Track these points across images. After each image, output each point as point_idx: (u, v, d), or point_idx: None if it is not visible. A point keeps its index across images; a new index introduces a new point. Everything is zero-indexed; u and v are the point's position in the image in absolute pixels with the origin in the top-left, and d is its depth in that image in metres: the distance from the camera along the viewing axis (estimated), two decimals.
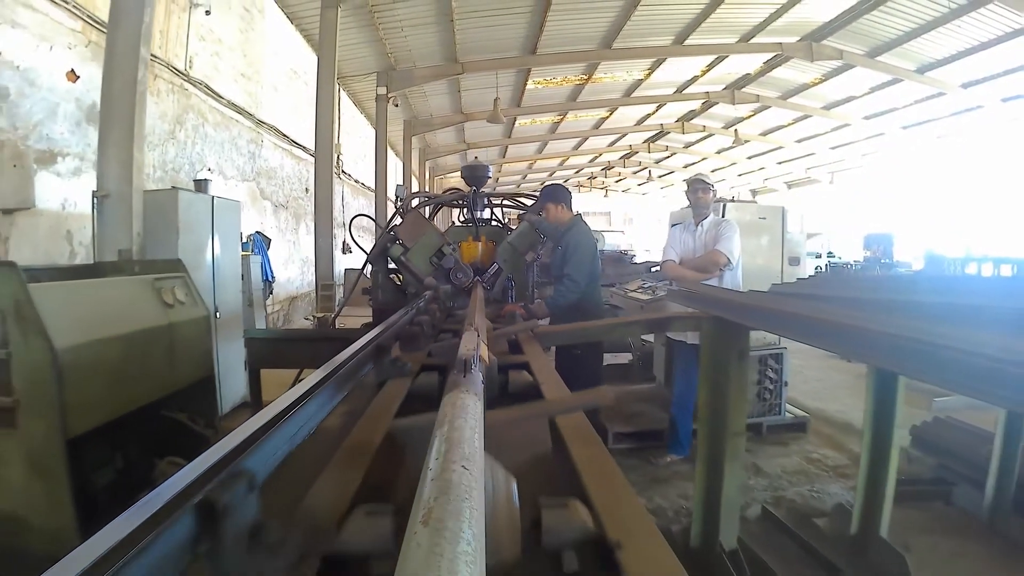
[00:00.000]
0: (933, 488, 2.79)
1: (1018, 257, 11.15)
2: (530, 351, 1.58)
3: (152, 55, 4.48)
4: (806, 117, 15.69)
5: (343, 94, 12.03)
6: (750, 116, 16.44)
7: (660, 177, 26.08)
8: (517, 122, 16.56)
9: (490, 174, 3.78)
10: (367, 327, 2.90)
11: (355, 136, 13.24)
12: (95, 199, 3.34)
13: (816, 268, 16.59)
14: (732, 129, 17.53)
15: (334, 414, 1.07)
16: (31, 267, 2.57)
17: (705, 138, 19.33)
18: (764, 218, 3.86)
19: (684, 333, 3.12)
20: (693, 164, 23.45)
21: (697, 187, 3.21)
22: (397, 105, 12.39)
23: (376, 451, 0.89)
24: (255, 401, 3.20)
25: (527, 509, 0.61)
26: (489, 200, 3.72)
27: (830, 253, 17.67)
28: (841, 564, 2.12)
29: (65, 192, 4.22)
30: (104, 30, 4.69)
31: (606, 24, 10.23)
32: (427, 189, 18.36)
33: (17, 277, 1.97)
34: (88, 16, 4.62)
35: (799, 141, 18.34)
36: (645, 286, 4.10)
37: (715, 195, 3.24)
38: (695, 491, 2.05)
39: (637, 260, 8.06)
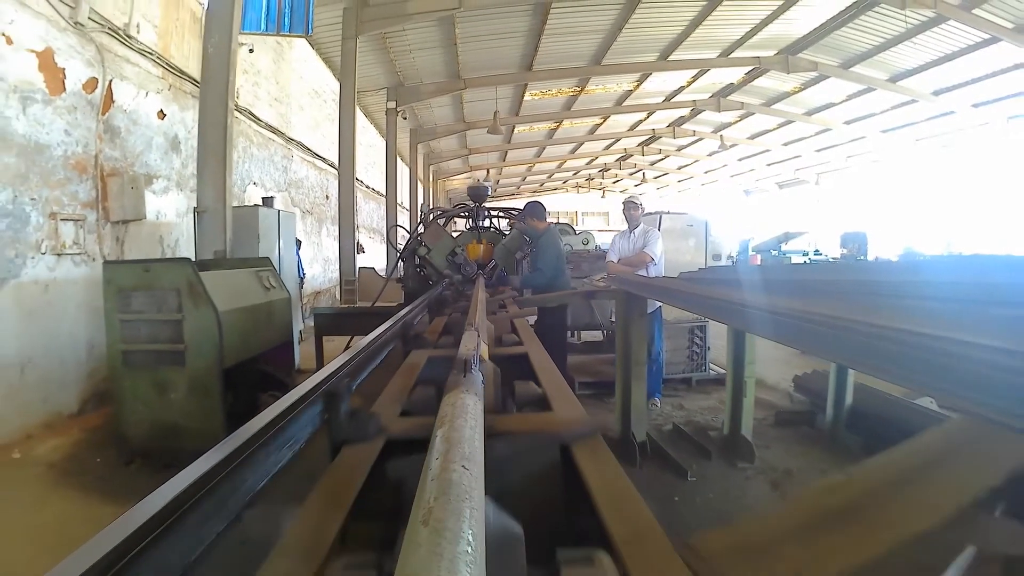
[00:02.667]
0: (802, 417, 3.94)
1: (992, 254, 12.10)
2: (510, 308, 2.75)
3: None
4: (790, 122, 16.68)
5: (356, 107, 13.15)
6: (737, 121, 17.43)
7: (655, 179, 27.13)
8: (516, 129, 17.58)
9: (489, 192, 5.00)
10: (401, 305, 4.07)
11: (366, 145, 14.35)
12: (195, 214, 4.51)
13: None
14: (719, 135, 18.48)
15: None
16: None
17: (696, 142, 20.32)
18: (691, 225, 4.99)
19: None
20: (686, 166, 24.50)
21: (630, 206, 4.35)
22: (405, 118, 13.50)
23: (437, 337, 2.12)
24: (319, 359, 4.38)
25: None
26: (488, 212, 4.93)
27: (816, 251, 18.51)
28: (713, 450, 3.27)
29: (158, 206, 5.40)
30: (177, 74, 5.90)
31: (596, 43, 11.20)
32: (430, 190, 19.67)
33: (191, 266, 3.14)
34: (166, 64, 5.80)
35: (785, 144, 19.30)
36: (606, 276, 5.27)
37: (643, 211, 4.41)
38: (616, 400, 3.22)
39: None
